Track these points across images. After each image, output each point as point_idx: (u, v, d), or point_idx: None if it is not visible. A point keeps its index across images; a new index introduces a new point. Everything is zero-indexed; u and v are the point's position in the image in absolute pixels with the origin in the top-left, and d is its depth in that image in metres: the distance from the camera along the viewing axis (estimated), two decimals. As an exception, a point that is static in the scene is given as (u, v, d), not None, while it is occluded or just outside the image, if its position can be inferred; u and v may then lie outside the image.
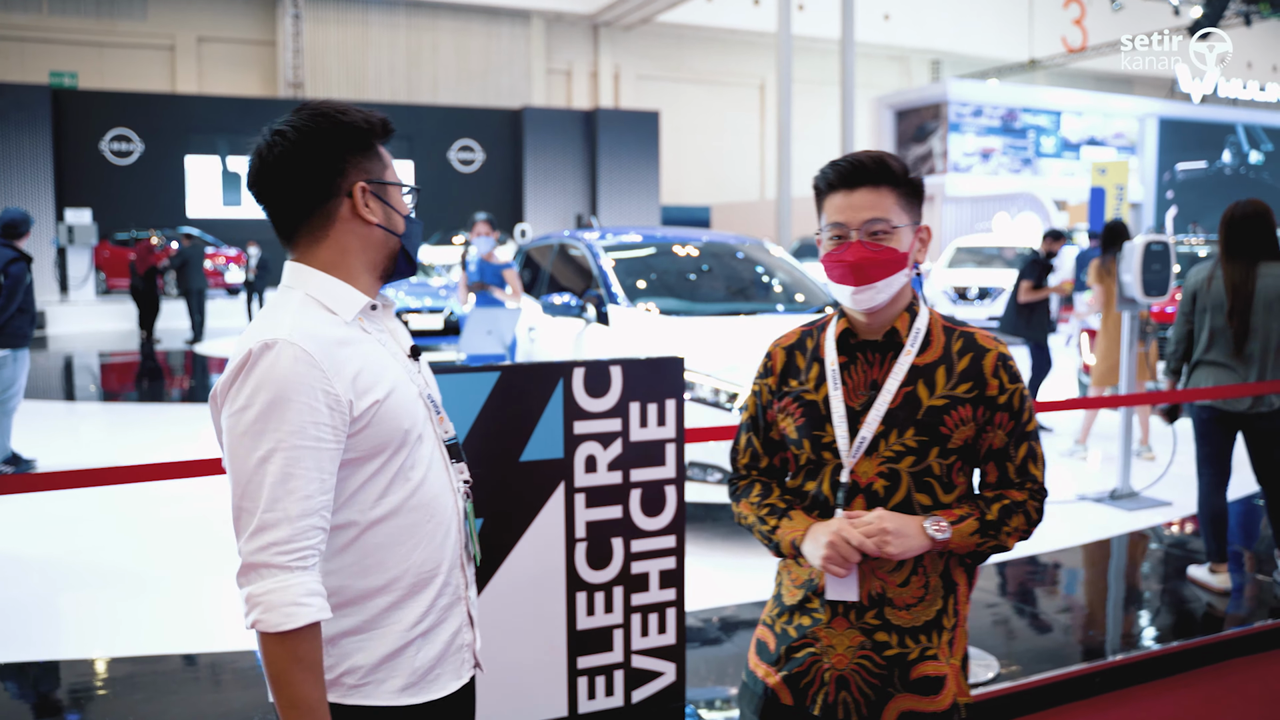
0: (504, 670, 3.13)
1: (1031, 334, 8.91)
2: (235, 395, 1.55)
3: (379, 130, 1.72)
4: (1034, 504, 1.88)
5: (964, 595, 1.92)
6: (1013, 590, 5.07)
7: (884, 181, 1.85)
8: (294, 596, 1.50)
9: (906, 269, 1.87)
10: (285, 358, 1.54)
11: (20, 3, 27.97)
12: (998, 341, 1.89)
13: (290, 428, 1.52)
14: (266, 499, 1.51)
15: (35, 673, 4.08)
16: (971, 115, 27.94)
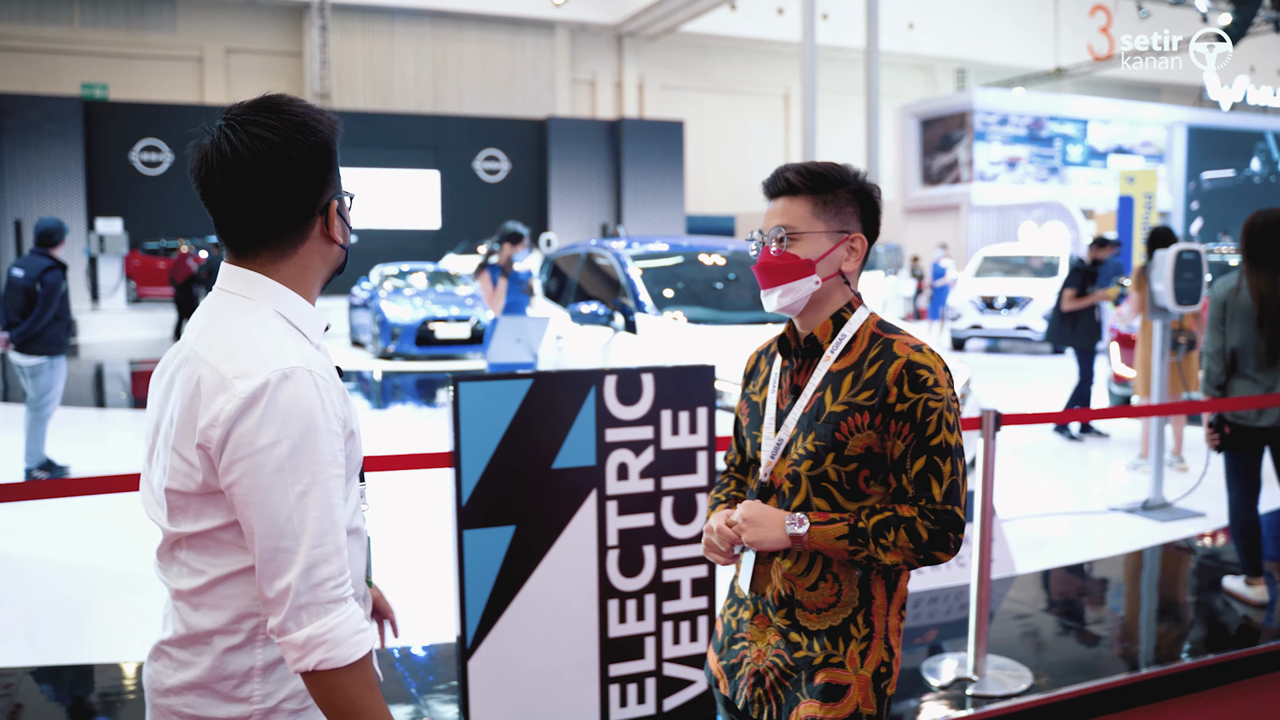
0: (536, 677, 3.13)
1: (1077, 343, 8.84)
2: (257, 431, 1.43)
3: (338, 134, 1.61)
4: (924, 524, 1.77)
5: (883, 607, 1.88)
6: (1045, 601, 5.03)
7: (799, 191, 1.90)
8: (357, 624, 1.46)
9: (815, 276, 1.88)
10: (306, 386, 1.46)
11: (53, 16, 28.33)
12: (920, 351, 1.83)
13: (323, 459, 1.46)
14: (314, 534, 1.44)
15: (69, 676, 4.11)
16: (997, 124, 27.80)
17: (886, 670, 1.88)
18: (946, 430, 1.79)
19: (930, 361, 1.82)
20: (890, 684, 1.89)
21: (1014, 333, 16.57)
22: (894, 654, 1.89)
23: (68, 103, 24.00)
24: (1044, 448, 8.74)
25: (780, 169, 1.93)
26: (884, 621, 1.88)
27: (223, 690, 1.54)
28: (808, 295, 1.90)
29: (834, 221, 1.90)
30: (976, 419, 3.88)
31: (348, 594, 1.47)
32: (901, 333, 1.89)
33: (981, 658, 3.86)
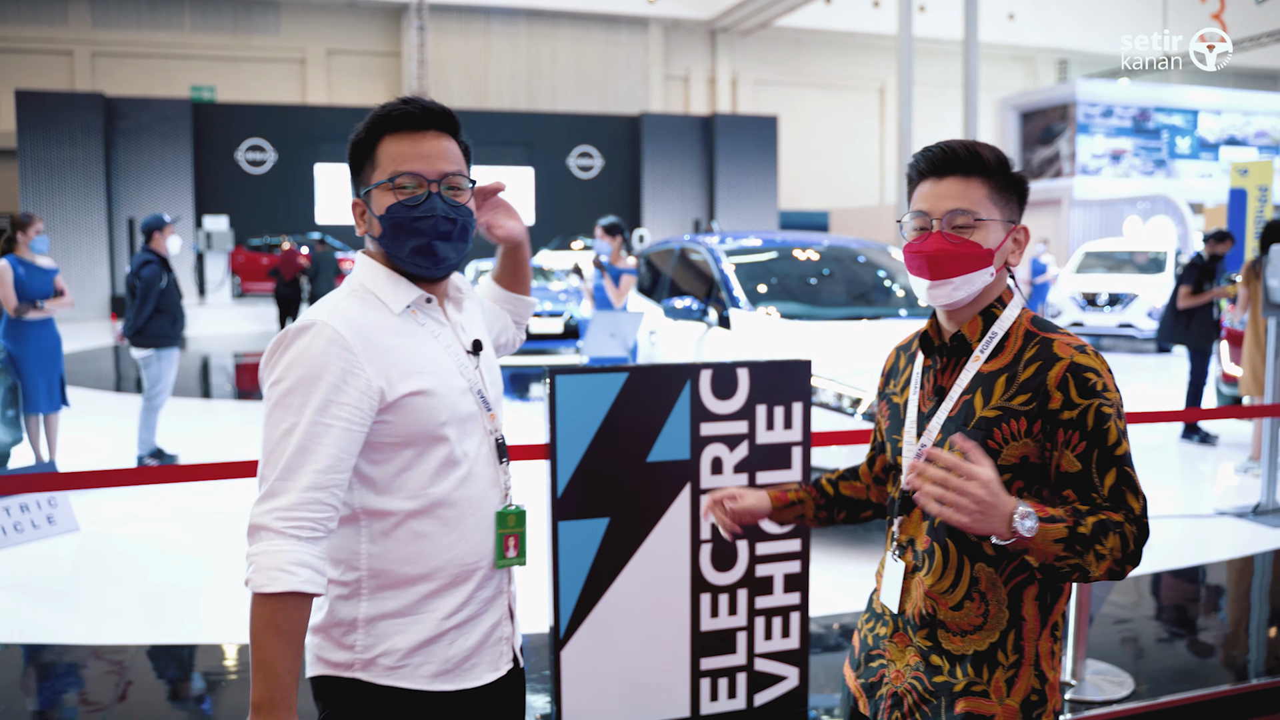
0: (627, 669, 3.15)
1: (1191, 341, 8.55)
2: (271, 369, 1.61)
3: (383, 128, 1.71)
4: (1132, 531, 1.57)
5: (1034, 630, 1.69)
6: (1148, 606, 4.89)
7: (975, 172, 1.72)
8: (280, 562, 1.52)
9: (991, 267, 1.72)
10: (320, 338, 1.59)
11: (165, 22, 29.37)
12: (1085, 352, 1.65)
13: (315, 405, 1.57)
14: (282, 468, 1.55)
15: (178, 655, 4.27)
16: (1101, 116, 27.02)
17: (1039, 699, 1.69)
18: (1123, 438, 1.62)
19: (1096, 364, 1.64)
20: (1045, 713, 1.70)
21: (1117, 330, 16.11)
22: (1047, 680, 1.70)
23: (178, 105, 24.86)
24: (1149, 448, 8.49)
25: (947, 144, 1.74)
26: (1034, 646, 1.69)
27: (334, 636, 1.68)
28: (980, 289, 1.73)
29: (1006, 209, 1.74)
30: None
31: (296, 531, 1.54)
32: (1060, 331, 1.71)
33: (1081, 662, 3.77)
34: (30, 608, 4.83)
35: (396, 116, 1.71)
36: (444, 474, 1.68)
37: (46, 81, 27.24)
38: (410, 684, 1.69)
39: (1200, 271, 8.49)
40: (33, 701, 3.76)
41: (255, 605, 1.53)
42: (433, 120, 1.72)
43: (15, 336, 6.80)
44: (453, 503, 1.69)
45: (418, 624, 1.69)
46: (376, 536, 1.67)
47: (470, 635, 1.74)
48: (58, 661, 4.17)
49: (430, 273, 1.74)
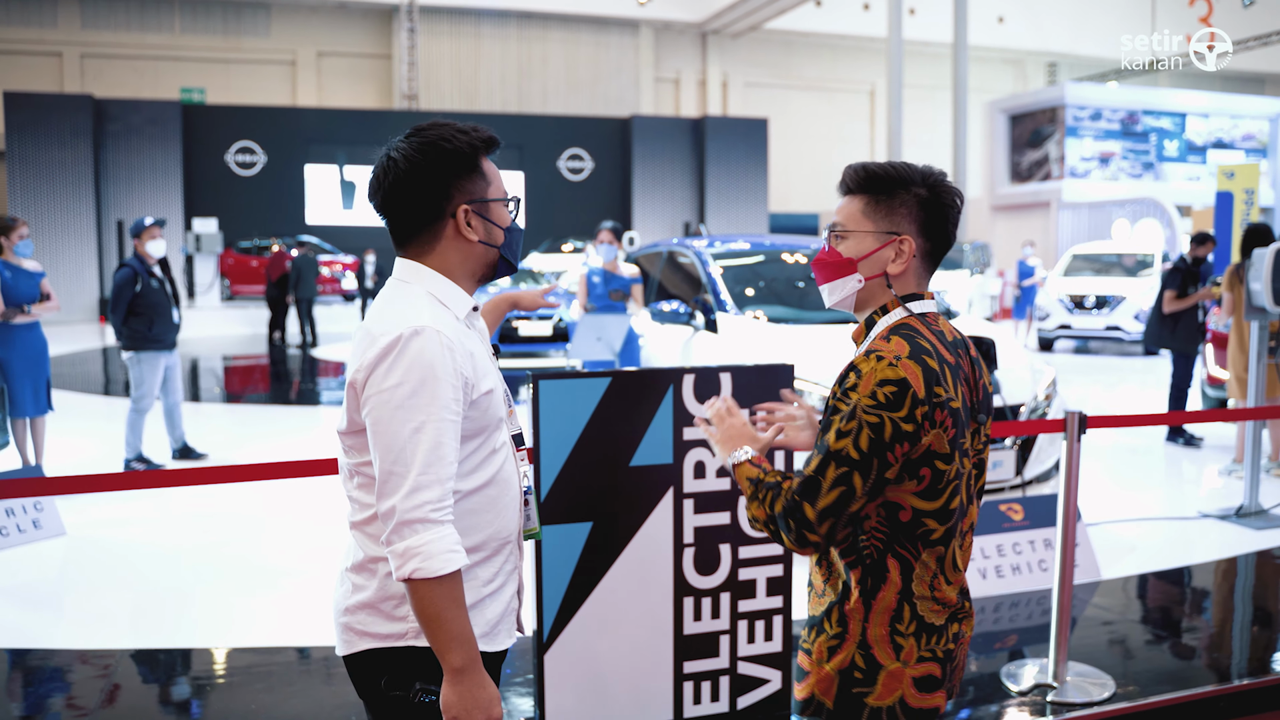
0: (611, 672, 3.17)
1: (1176, 345, 8.58)
2: (387, 374, 1.74)
3: (484, 149, 1.92)
4: (785, 499, 1.80)
5: (859, 611, 1.84)
6: (1131, 608, 4.92)
7: (854, 189, 1.93)
8: (449, 545, 1.72)
9: (857, 275, 1.91)
10: (433, 342, 1.76)
11: (155, 24, 29.30)
12: (868, 358, 1.78)
13: (440, 403, 1.74)
14: (421, 464, 1.72)
15: (165, 659, 4.27)
16: (1090, 119, 27.12)
17: (864, 679, 1.83)
18: (835, 433, 1.76)
19: (865, 366, 1.77)
20: (873, 695, 1.83)
21: (1104, 333, 16.17)
22: (882, 667, 1.83)
23: (167, 106, 24.81)
24: (1134, 451, 8.53)
25: (849, 166, 1.95)
26: (860, 626, 1.84)
27: (385, 609, 1.85)
28: (852, 293, 1.93)
29: (884, 222, 1.89)
30: (1060, 421, 3.81)
31: (446, 518, 1.74)
32: (893, 340, 1.82)
33: (1063, 664, 3.79)
34: (16, 612, 4.82)
35: (492, 142, 1.94)
36: (493, 459, 1.91)
37: (35, 83, 27.16)
38: None
39: (1184, 275, 8.53)
40: (18, 706, 3.75)
41: (430, 589, 1.71)
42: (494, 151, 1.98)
43: (1, 340, 6.79)
44: (495, 483, 1.91)
45: (467, 590, 1.86)
46: None
47: (499, 602, 1.95)
48: (44, 666, 4.17)
49: (504, 275, 2.00)
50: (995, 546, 4.96)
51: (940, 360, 1.82)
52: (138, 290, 7.28)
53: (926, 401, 1.75)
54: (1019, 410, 5.61)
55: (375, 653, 1.86)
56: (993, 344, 6.11)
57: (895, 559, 1.82)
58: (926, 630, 1.84)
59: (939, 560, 1.84)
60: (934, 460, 1.79)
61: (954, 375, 1.84)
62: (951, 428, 1.80)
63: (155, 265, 7.50)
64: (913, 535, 1.82)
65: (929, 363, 1.78)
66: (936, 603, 1.85)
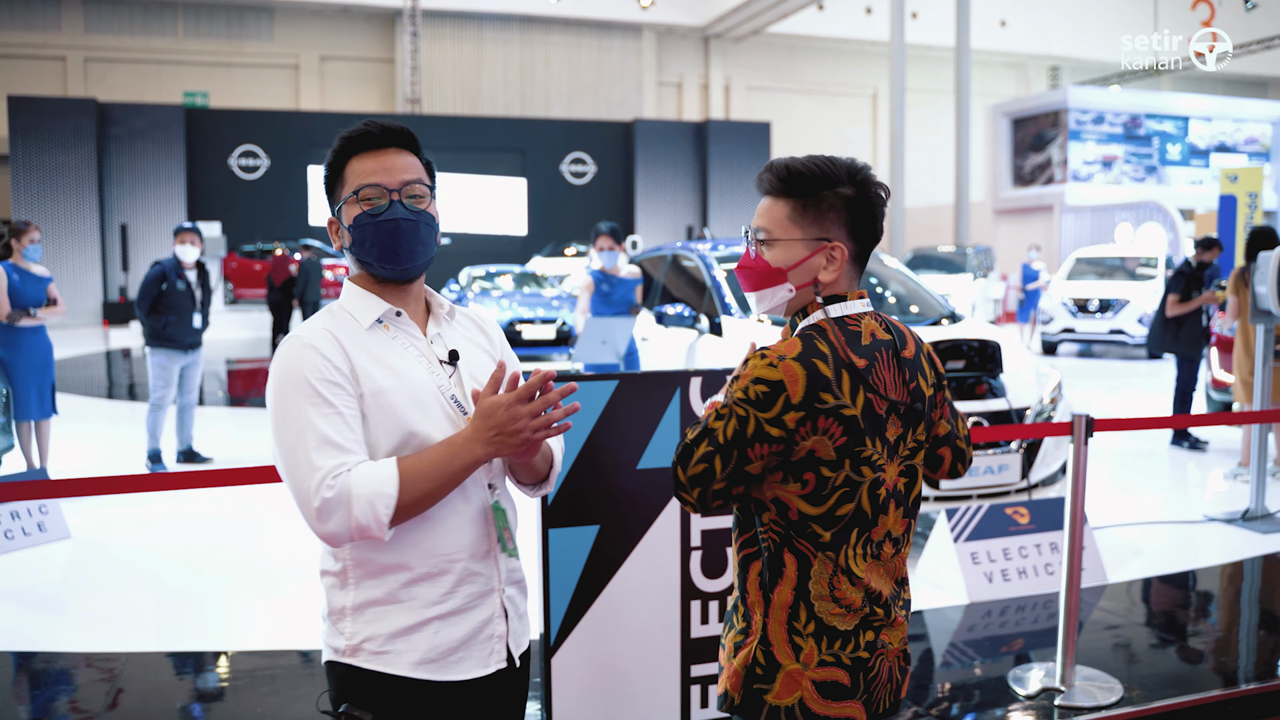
0: (618, 676, 3.16)
1: (1179, 349, 8.57)
2: (269, 391, 1.76)
3: (353, 147, 1.85)
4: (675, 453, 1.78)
5: (758, 604, 1.81)
6: (1138, 612, 4.91)
7: (778, 192, 1.84)
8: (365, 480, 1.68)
9: (788, 284, 1.84)
10: (289, 348, 1.75)
11: (158, 28, 29.35)
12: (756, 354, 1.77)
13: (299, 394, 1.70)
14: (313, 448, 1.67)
15: (173, 662, 4.27)
16: (1092, 122, 27.12)
17: (765, 675, 1.79)
18: (715, 413, 1.75)
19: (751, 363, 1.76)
20: (773, 693, 1.78)
21: (1107, 337, 16.16)
22: (780, 666, 1.78)
23: (171, 110, 24.85)
24: (1139, 455, 8.52)
25: (767, 164, 1.87)
26: (762, 621, 1.80)
27: (333, 623, 1.83)
28: (784, 302, 1.87)
29: (812, 228, 1.82)
30: (1067, 424, 3.81)
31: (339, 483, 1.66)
32: (789, 342, 1.78)
33: (1070, 668, 3.78)
34: (22, 615, 4.82)
35: (359, 138, 1.85)
36: None
37: (39, 87, 27.20)
38: (394, 669, 1.78)
39: (1188, 279, 8.52)
40: (25, 709, 3.75)
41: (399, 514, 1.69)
42: (393, 138, 1.86)
43: (7, 343, 6.82)
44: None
45: (398, 611, 1.78)
46: None
47: (457, 628, 1.81)
48: (49, 669, 4.17)
49: (397, 274, 1.85)
50: (1001, 550, 4.95)
51: (839, 365, 1.75)
52: (163, 289, 7.47)
53: (804, 406, 1.71)
54: (1024, 413, 5.61)
55: (331, 665, 1.84)
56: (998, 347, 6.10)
57: (792, 554, 1.77)
58: (828, 633, 1.78)
59: (834, 563, 1.78)
60: (818, 466, 1.74)
61: (857, 380, 1.76)
62: (842, 435, 1.74)
63: (190, 269, 7.66)
64: (802, 535, 1.78)
65: (819, 367, 1.73)
66: (838, 605, 1.78)
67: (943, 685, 3.99)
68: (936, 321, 6.58)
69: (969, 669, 4.22)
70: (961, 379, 5.57)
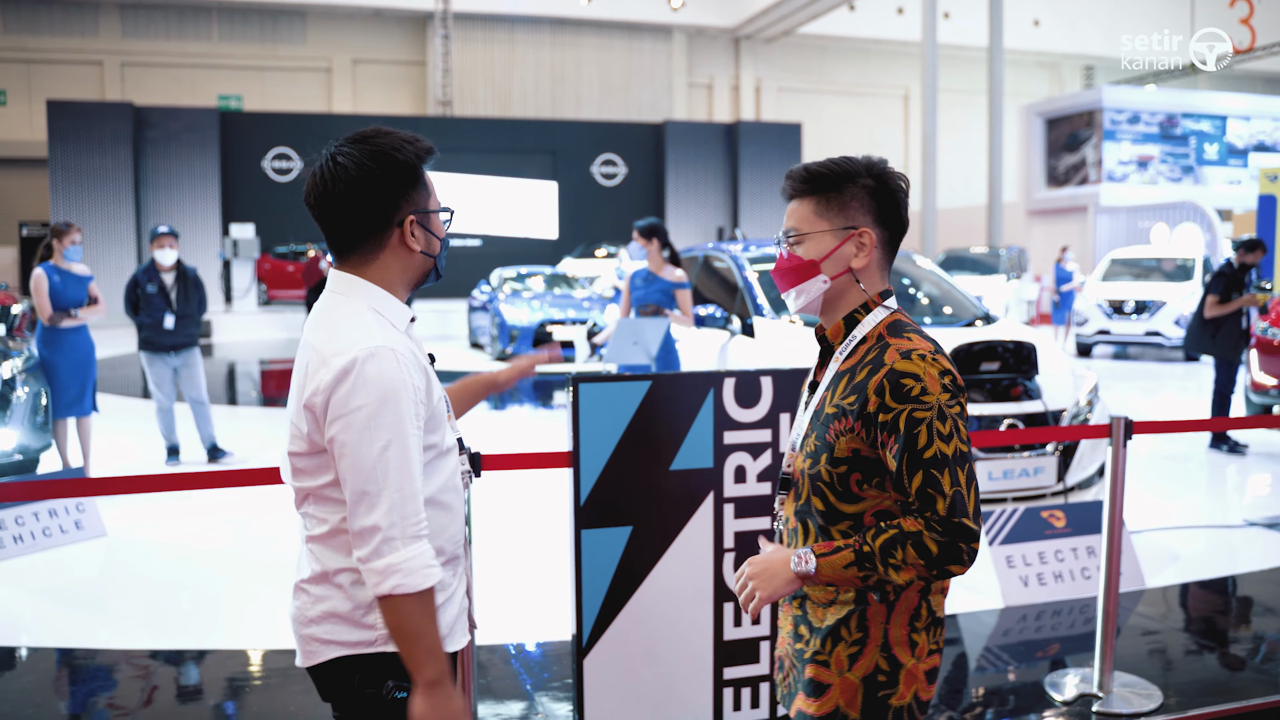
0: (650, 678, 3.15)
1: (1218, 350, 8.45)
2: (349, 397, 1.74)
3: (426, 159, 1.93)
4: (932, 537, 1.70)
5: (880, 614, 1.82)
6: (1177, 618, 4.84)
7: (800, 193, 1.93)
8: (428, 560, 1.75)
9: (821, 275, 1.89)
10: (389, 361, 1.76)
11: (193, 32, 29.66)
12: (909, 358, 1.76)
13: (402, 420, 1.75)
14: (395, 481, 1.73)
15: (207, 660, 4.30)
16: (1128, 122, 26.82)
17: (888, 680, 1.82)
18: (940, 440, 1.72)
19: (918, 369, 1.74)
20: (896, 695, 1.82)
21: (1143, 338, 15.97)
22: (903, 665, 1.82)
23: (205, 114, 25.09)
24: (1176, 458, 8.41)
25: (790, 170, 1.95)
26: (882, 629, 1.82)
27: (354, 618, 1.85)
28: (819, 295, 1.91)
29: (838, 218, 1.89)
30: (1105, 426, 3.76)
31: (423, 533, 1.76)
32: (906, 336, 1.82)
33: (1108, 674, 3.73)
34: (59, 612, 4.88)
35: (432, 153, 1.94)
36: (443, 464, 1.92)
37: (77, 91, 27.55)
38: None
39: (1228, 280, 8.40)
40: (64, 704, 3.79)
41: (409, 603, 1.72)
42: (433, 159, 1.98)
43: (49, 343, 6.94)
44: (448, 489, 1.93)
45: None
46: None
47: (453, 605, 1.97)
48: (87, 665, 4.21)
49: (436, 281, 2.01)
50: (1037, 554, 4.90)
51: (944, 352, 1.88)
52: (136, 295, 7.65)
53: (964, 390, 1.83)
54: (1061, 415, 5.55)
55: (344, 661, 1.86)
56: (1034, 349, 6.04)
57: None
58: (935, 623, 1.86)
59: None
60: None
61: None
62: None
63: (166, 272, 7.75)
64: None
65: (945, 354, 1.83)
66: (943, 593, 1.89)
67: (977, 690, 3.95)
68: (971, 323, 6.52)
69: (1004, 674, 4.17)
70: (997, 381, 5.52)
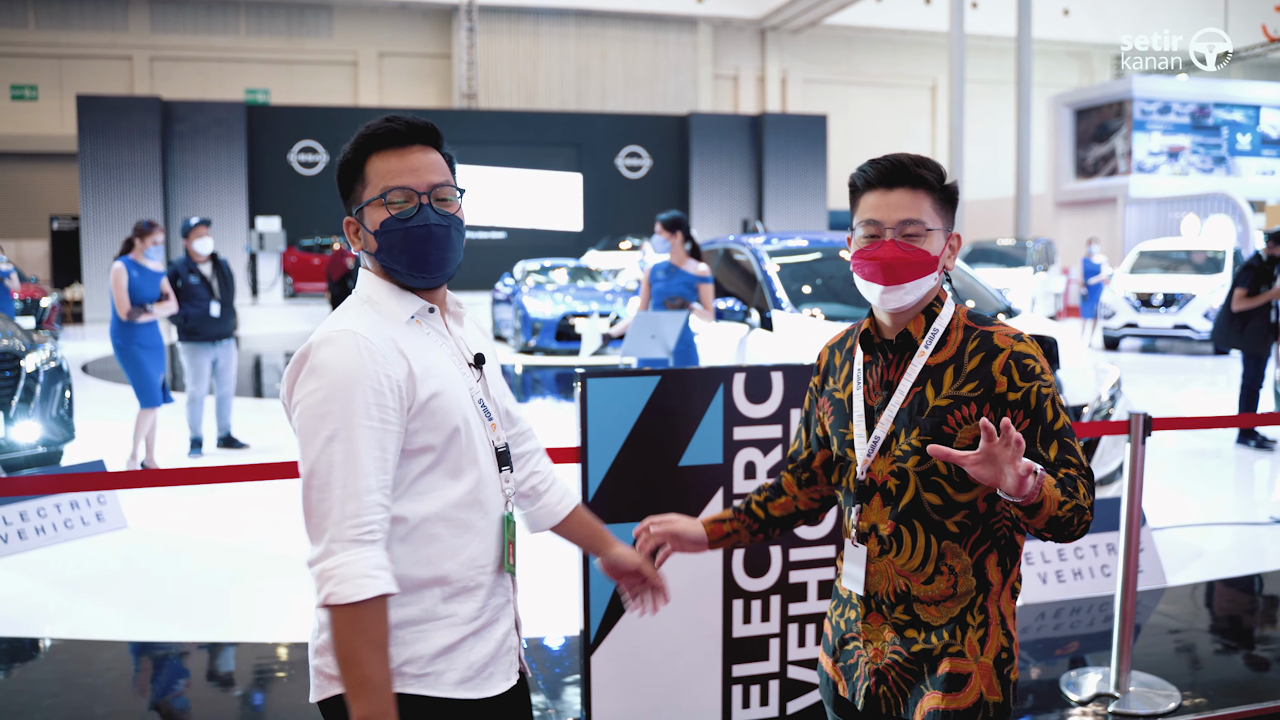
0: (658, 674, 3.13)
1: (1245, 345, 8.33)
2: (302, 383, 1.62)
3: (372, 147, 1.75)
4: (1085, 483, 1.75)
5: (998, 593, 1.87)
6: (1199, 616, 4.77)
7: (921, 184, 1.87)
8: (365, 569, 1.55)
9: (935, 273, 1.88)
10: (346, 345, 1.62)
11: (221, 27, 29.87)
12: (1022, 340, 1.84)
13: (355, 409, 1.59)
14: (337, 477, 1.57)
15: (228, 652, 4.32)
16: (1158, 112, 26.49)
17: (1008, 655, 1.87)
18: (1063, 411, 1.82)
19: (1033, 350, 1.83)
20: (1013, 669, 1.88)
21: (1172, 332, 15.78)
22: (1013, 638, 1.89)
23: (232, 107, 25.27)
24: (1203, 454, 8.30)
25: (895, 158, 1.89)
26: (997, 606, 1.87)
27: None
28: (928, 292, 1.90)
29: (946, 219, 1.91)
30: (1124, 423, 3.70)
31: (369, 537, 1.57)
32: (996, 323, 1.88)
33: (1125, 673, 3.68)
34: (80, 603, 4.91)
35: (382, 134, 1.75)
36: (457, 477, 1.72)
37: (107, 86, 27.80)
38: (436, 691, 1.69)
39: (1256, 273, 8.27)
40: (84, 695, 3.81)
41: (342, 618, 1.54)
42: (417, 135, 1.76)
43: (128, 337, 7.14)
44: (465, 505, 1.72)
45: (439, 629, 1.70)
46: (394, 542, 1.67)
47: (487, 643, 1.76)
48: (107, 656, 4.23)
49: (428, 282, 1.77)
50: (1056, 550, 4.83)
51: None
52: (178, 286, 7.64)
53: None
54: (1082, 411, 5.48)
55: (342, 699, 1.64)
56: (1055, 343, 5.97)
57: (1019, 532, 1.87)
58: (1014, 594, 1.92)
59: None
60: None
61: None
62: None
63: (203, 263, 7.81)
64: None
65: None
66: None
67: (994, 688, 3.91)
68: (993, 316, 6.45)
69: (1021, 672, 4.13)
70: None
